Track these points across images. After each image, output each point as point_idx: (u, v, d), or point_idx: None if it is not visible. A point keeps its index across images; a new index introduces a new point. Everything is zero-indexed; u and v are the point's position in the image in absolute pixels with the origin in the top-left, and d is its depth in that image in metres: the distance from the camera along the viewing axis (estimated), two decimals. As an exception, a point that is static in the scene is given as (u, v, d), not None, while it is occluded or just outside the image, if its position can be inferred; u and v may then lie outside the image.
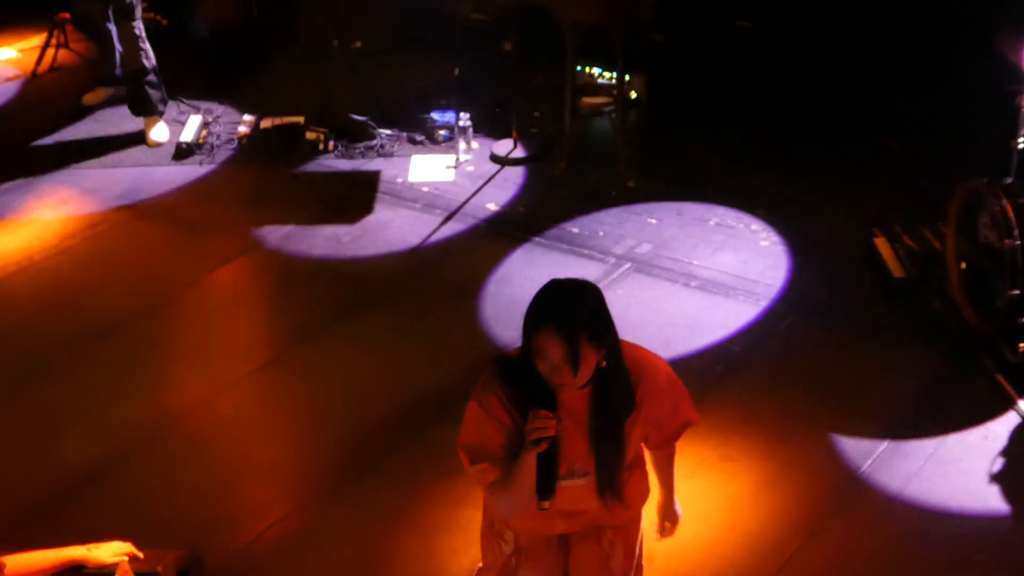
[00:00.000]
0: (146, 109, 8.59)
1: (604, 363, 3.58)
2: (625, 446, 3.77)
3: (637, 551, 4.16)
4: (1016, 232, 5.87)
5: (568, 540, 4.07)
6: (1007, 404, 5.86)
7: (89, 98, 9.16)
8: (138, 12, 8.34)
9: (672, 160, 8.28)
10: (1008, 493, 5.38)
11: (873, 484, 5.45)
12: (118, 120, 8.86)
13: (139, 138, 8.64)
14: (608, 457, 3.74)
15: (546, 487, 3.56)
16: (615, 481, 3.79)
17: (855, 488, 5.44)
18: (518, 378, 3.61)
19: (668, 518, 4.23)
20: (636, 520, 4.12)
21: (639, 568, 4.22)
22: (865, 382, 6.11)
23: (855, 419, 5.84)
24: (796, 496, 5.43)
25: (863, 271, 6.95)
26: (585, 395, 3.65)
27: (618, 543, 4.05)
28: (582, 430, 3.69)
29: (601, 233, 7.36)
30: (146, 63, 8.44)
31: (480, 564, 4.26)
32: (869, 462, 5.55)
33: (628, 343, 3.75)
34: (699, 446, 5.55)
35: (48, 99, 9.41)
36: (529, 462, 3.54)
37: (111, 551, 4.24)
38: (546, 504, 3.58)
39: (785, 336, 6.47)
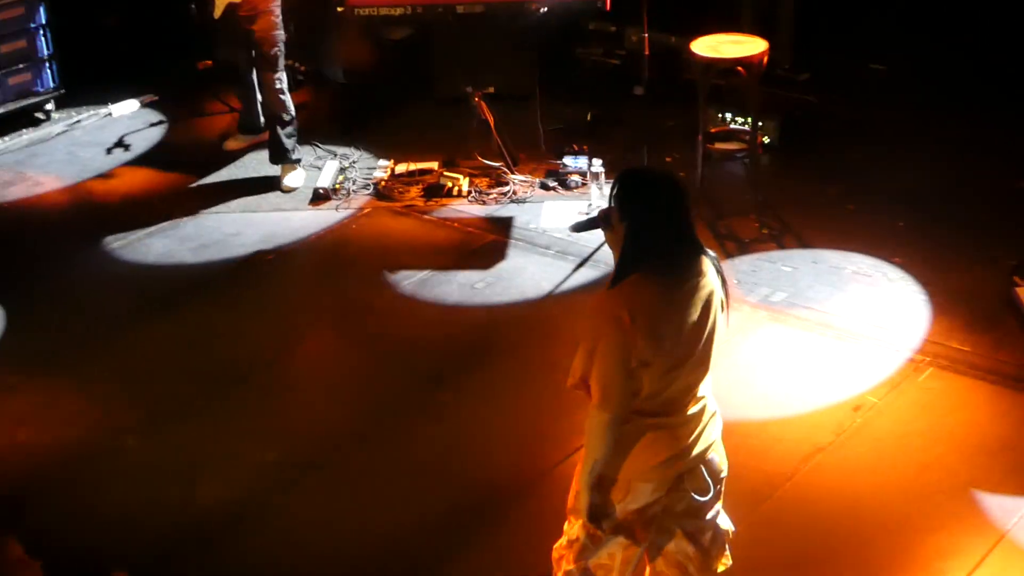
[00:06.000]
0: (282, 157, 8.74)
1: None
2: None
3: (703, 542, 4.25)
4: None
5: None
6: None
7: (231, 144, 9.38)
8: (281, 63, 8.50)
9: (806, 206, 8.20)
10: None
11: (1019, 543, 5.31)
12: (257, 166, 9.05)
13: (278, 184, 8.81)
14: None
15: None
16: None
17: (1000, 548, 5.30)
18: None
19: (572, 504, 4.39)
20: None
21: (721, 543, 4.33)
22: (1009, 436, 5.98)
23: (999, 474, 5.71)
24: (936, 556, 5.32)
25: (1005, 320, 6.81)
26: None
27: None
28: None
29: (735, 281, 7.27)
30: (284, 114, 8.60)
31: None
32: (1015, 520, 5.42)
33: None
34: (828, 497, 5.48)
35: (192, 144, 9.64)
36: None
37: None
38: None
39: (924, 387, 6.36)
